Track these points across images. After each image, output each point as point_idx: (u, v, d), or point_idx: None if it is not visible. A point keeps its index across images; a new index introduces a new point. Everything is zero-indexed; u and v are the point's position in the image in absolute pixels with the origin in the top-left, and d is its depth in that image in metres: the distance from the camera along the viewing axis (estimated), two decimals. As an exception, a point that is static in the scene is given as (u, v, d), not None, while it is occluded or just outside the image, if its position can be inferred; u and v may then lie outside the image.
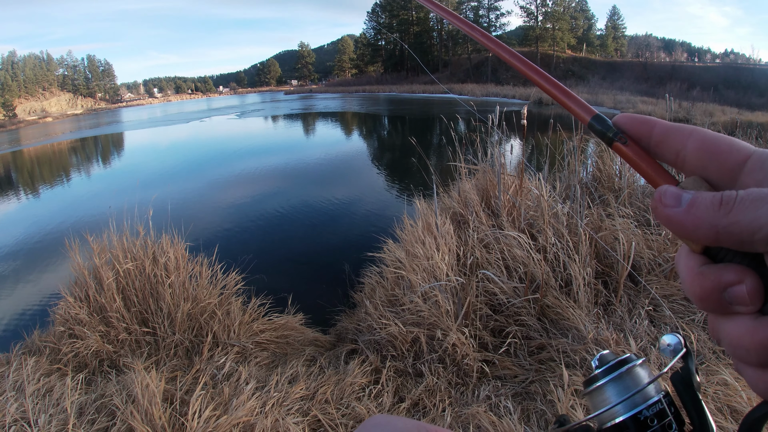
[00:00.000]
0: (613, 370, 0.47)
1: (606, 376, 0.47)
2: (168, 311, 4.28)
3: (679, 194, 0.34)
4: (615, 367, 0.47)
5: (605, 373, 0.47)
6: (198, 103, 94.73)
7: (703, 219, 0.32)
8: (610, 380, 0.46)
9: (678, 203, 0.33)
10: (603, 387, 0.47)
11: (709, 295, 0.33)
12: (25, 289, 7.13)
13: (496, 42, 0.53)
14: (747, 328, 0.31)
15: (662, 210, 0.34)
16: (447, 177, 6.51)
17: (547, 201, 4.37)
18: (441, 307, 3.64)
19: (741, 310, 0.32)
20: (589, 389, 0.48)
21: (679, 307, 3.58)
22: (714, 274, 0.32)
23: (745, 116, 21.73)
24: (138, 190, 5.83)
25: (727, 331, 0.33)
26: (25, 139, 43.48)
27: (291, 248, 8.04)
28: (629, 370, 0.46)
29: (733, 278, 0.32)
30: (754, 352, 0.31)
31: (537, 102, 33.95)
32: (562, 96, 0.44)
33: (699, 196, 0.33)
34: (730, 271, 0.32)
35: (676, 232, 0.34)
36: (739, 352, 0.32)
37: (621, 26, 78.55)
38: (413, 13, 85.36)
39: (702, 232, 0.32)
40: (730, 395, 2.41)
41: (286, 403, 3.10)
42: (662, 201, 0.34)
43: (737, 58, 74.32)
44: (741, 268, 0.32)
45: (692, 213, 0.32)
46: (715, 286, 0.32)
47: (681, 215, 0.33)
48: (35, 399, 3.18)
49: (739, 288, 0.31)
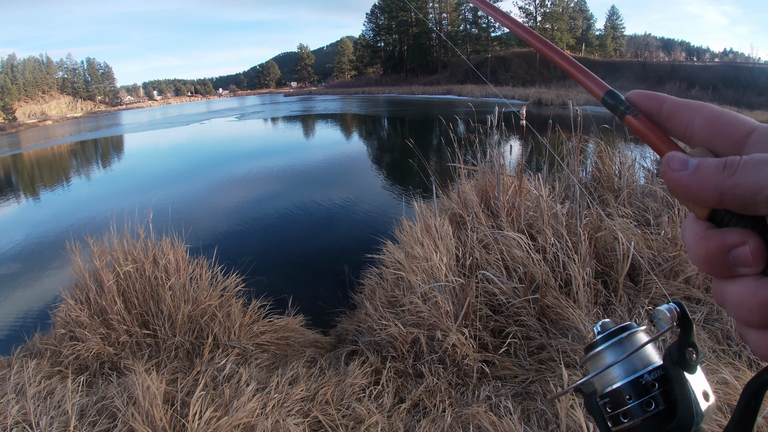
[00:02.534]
0: (613, 336, 0.47)
1: (606, 342, 0.47)
2: (168, 313, 4.28)
3: (686, 159, 0.36)
4: (616, 333, 0.48)
5: (605, 338, 0.48)
6: (197, 106, 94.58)
7: (708, 181, 0.33)
8: (610, 345, 0.47)
9: (685, 167, 0.35)
10: (603, 352, 0.47)
11: (714, 257, 0.34)
12: (25, 292, 7.14)
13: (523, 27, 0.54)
14: (750, 289, 0.33)
15: (670, 174, 0.36)
16: (446, 178, 6.52)
17: (546, 201, 4.38)
18: (441, 308, 3.64)
19: (744, 272, 0.33)
20: (590, 354, 0.49)
21: (678, 306, 3.58)
22: (718, 237, 0.34)
23: (745, 115, 21.71)
24: (138, 193, 5.85)
25: (731, 293, 0.34)
26: (25, 142, 43.45)
27: (291, 250, 8.04)
28: (630, 336, 0.47)
29: (737, 240, 0.33)
30: (757, 311, 0.32)
31: (536, 103, 33.99)
32: (577, 72, 0.46)
33: (704, 160, 0.35)
34: (733, 234, 0.33)
35: (683, 194, 0.35)
36: (742, 313, 0.33)
37: (620, 26, 78.43)
38: (412, 15, 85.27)
39: (707, 194, 0.34)
40: (729, 394, 2.42)
41: (286, 404, 3.10)
42: (670, 165, 0.36)
43: (736, 57, 74.19)
44: (744, 230, 0.33)
45: (698, 176, 0.34)
46: (719, 248, 0.34)
47: (687, 178, 0.35)
48: (36, 401, 3.18)
49: (742, 249, 0.33)
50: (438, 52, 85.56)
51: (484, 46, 77.39)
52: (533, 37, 0.51)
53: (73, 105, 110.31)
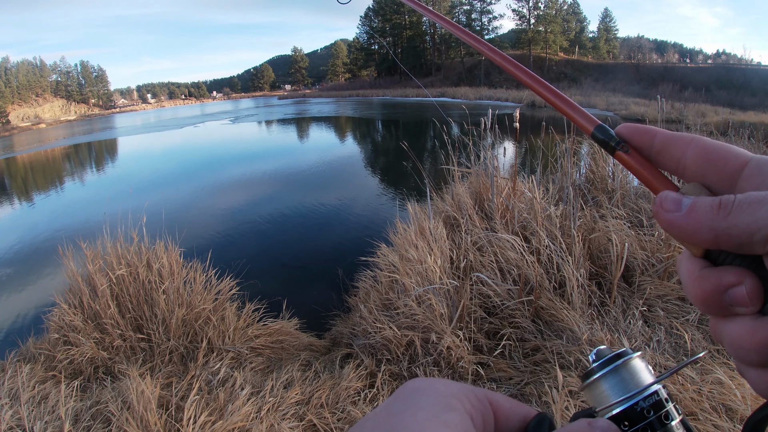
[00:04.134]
0: (609, 364, 0.48)
1: (602, 369, 0.48)
2: (162, 317, 4.27)
3: (680, 199, 0.35)
4: (611, 360, 0.48)
5: (601, 366, 0.48)
6: (191, 109, 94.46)
7: (703, 222, 0.33)
8: (606, 373, 0.48)
9: (678, 208, 0.34)
10: (599, 380, 0.48)
11: (710, 297, 0.34)
12: (19, 297, 7.09)
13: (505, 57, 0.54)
14: (747, 329, 0.32)
15: (663, 215, 0.35)
16: (440, 180, 6.53)
17: (540, 203, 4.39)
18: (435, 311, 3.65)
19: (741, 311, 0.33)
20: (586, 383, 0.49)
21: (673, 307, 3.60)
22: (714, 277, 0.33)
23: (738, 116, 21.82)
24: (132, 197, 5.82)
25: (729, 332, 0.34)
26: (18, 145, 43.26)
27: (285, 253, 8.03)
28: (625, 363, 0.48)
29: (733, 280, 0.32)
30: (755, 351, 0.32)
31: (530, 105, 34.09)
32: (566, 107, 0.46)
33: (698, 200, 0.34)
34: (729, 273, 0.33)
35: (677, 235, 0.35)
36: (740, 352, 0.33)
37: (613, 28, 78.85)
38: (406, 17, 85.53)
39: (702, 235, 0.33)
40: (724, 394, 2.43)
41: (281, 407, 3.10)
42: (663, 206, 0.35)
43: (729, 58, 74.78)
44: (740, 270, 0.33)
45: (692, 217, 0.33)
46: (716, 288, 0.33)
47: (681, 219, 0.34)
48: (31, 406, 3.16)
49: (738, 289, 0.32)
50: (432, 55, 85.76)
51: (478, 48, 77.45)
52: (520, 71, 0.51)
53: (67, 108, 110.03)
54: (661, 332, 3.26)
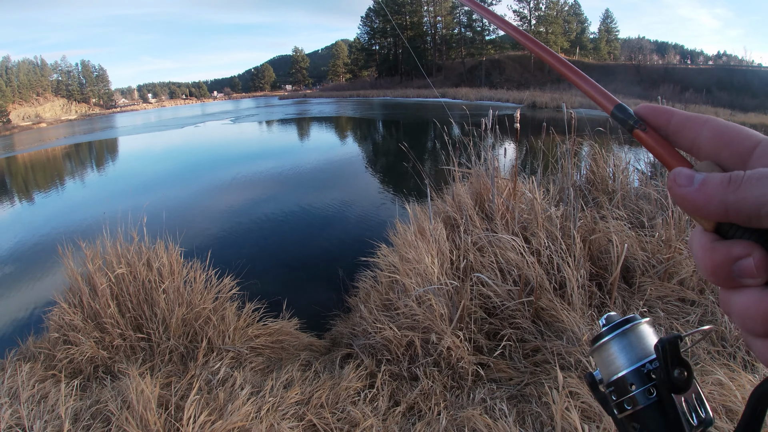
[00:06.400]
0: (617, 328, 0.49)
1: (611, 333, 0.50)
2: (162, 317, 4.27)
3: (692, 175, 0.37)
4: (620, 324, 0.50)
5: (610, 330, 0.50)
6: (192, 109, 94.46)
7: (714, 196, 0.35)
8: (614, 336, 0.49)
9: (691, 183, 0.36)
10: (608, 343, 0.50)
11: (719, 268, 0.35)
12: (19, 296, 7.09)
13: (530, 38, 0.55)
14: (754, 300, 0.34)
15: (677, 189, 0.37)
16: (441, 181, 6.52)
17: (540, 204, 4.39)
18: (435, 311, 3.64)
19: (749, 283, 0.34)
20: (596, 345, 0.51)
21: (673, 308, 3.60)
22: (724, 249, 0.35)
23: (738, 117, 21.87)
24: (132, 196, 5.83)
25: (736, 303, 0.35)
26: (19, 144, 43.27)
27: (285, 253, 8.03)
28: (633, 328, 0.49)
29: (742, 252, 0.34)
30: (761, 321, 0.33)
31: (530, 106, 34.09)
32: (586, 86, 0.48)
33: (710, 176, 0.36)
34: (738, 246, 0.34)
35: (689, 209, 0.37)
36: (747, 323, 0.34)
37: (614, 29, 78.73)
38: (407, 18, 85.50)
39: (712, 209, 0.35)
40: (725, 395, 2.42)
41: (281, 407, 3.10)
42: (677, 181, 0.37)
43: (730, 59, 74.59)
44: (749, 243, 0.34)
45: (703, 191, 0.35)
46: (725, 260, 0.35)
47: (693, 193, 0.36)
48: (30, 405, 3.16)
49: (747, 261, 0.34)
50: (433, 56, 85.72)
51: (479, 49, 77.43)
52: (543, 51, 0.51)
53: (68, 107, 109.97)
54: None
